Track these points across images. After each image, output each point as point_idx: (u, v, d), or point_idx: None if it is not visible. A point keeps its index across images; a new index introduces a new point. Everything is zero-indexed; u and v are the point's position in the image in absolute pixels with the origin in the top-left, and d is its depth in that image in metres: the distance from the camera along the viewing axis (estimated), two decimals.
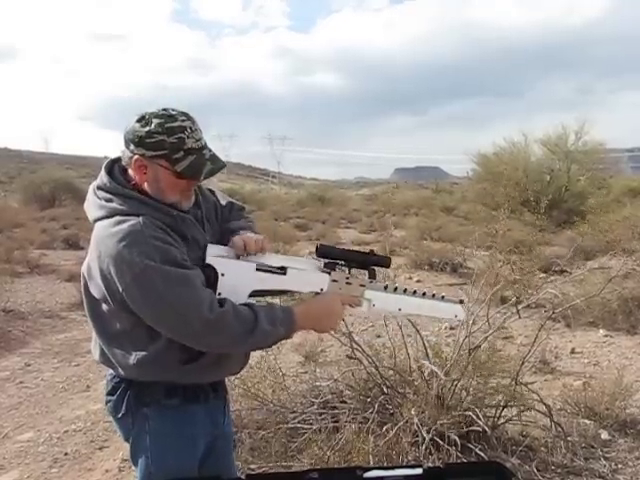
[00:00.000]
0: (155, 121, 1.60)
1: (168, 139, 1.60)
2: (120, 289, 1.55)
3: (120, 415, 1.73)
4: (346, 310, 1.87)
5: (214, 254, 1.70)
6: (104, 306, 1.66)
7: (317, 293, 1.81)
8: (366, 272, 1.87)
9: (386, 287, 1.88)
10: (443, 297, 1.95)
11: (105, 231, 1.60)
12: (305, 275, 1.80)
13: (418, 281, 9.32)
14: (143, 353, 1.64)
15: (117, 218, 1.60)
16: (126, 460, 3.60)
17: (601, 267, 4.31)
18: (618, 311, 6.34)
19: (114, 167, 1.73)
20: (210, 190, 1.98)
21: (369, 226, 18.02)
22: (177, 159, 1.61)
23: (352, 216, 23.56)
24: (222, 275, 1.67)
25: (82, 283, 1.72)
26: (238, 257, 1.74)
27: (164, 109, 1.64)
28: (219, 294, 1.65)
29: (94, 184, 1.73)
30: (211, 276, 1.66)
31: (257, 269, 1.73)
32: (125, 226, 1.57)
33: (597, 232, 3.76)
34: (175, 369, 1.67)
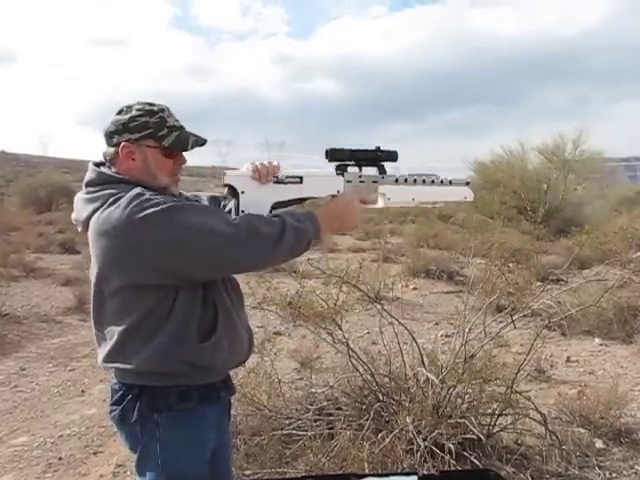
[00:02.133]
0: (135, 107, 1.71)
1: (151, 119, 1.69)
2: (145, 250, 1.55)
3: (130, 423, 1.69)
4: (363, 209, 1.94)
5: (231, 175, 1.77)
6: (125, 294, 1.64)
7: (334, 196, 1.88)
8: (376, 169, 1.96)
9: (397, 180, 1.96)
10: (450, 182, 2.03)
11: (105, 213, 1.60)
12: (320, 180, 1.89)
13: (414, 288, 9.32)
14: (162, 336, 1.63)
15: (112, 198, 1.61)
16: (120, 465, 3.60)
17: (597, 278, 4.31)
18: (614, 320, 6.35)
19: (100, 166, 1.76)
20: (195, 196, 2.02)
21: (365, 233, 18.01)
22: (163, 135, 1.70)
23: None
24: (242, 193, 1.75)
25: (94, 290, 1.70)
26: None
27: (140, 101, 1.74)
28: (242, 211, 1.73)
29: (79, 194, 1.76)
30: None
31: (275, 182, 1.81)
32: (124, 198, 1.59)
33: (594, 242, 3.77)
34: (193, 347, 1.66)
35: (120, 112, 1.72)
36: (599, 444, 3.68)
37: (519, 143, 19.45)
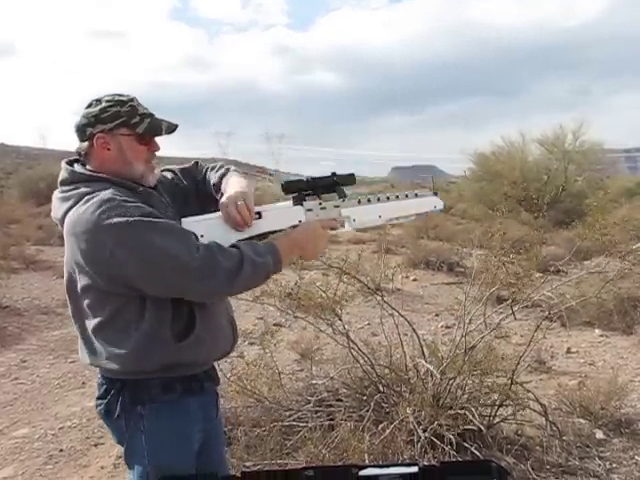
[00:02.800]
0: (105, 98, 1.72)
1: (122, 109, 1.71)
2: (106, 259, 1.55)
3: (114, 417, 1.70)
4: (328, 236, 1.92)
5: (188, 221, 1.74)
6: (91, 294, 1.65)
7: (295, 226, 1.86)
8: (336, 194, 1.93)
9: (359, 201, 1.94)
10: (416, 194, 1.99)
11: (76, 213, 1.61)
12: (280, 213, 1.87)
13: (414, 279, 9.32)
14: (136, 336, 1.62)
15: (86, 197, 1.62)
16: (121, 457, 3.59)
17: (597, 269, 4.30)
18: (614, 311, 6.35)
19: (73, 164, 1.77)
20: (168, 169, 2.02)
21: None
22: (135, 123, 1.72)
23: None
24: (201, 236, 1.71)
25: (66, 287, 1.72)
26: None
27: (108, 93, 1.75)
28: None
29: (55, 192, 1.76)
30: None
31: None
32: (95, 199, 1.59)
33: (594, 233, 3.77)
34: (171, 347, 1.65)
35: (90, 105, 1.73)
36: (599, 435, 3.68)
37: (519, 134, 19.41)
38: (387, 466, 1.52)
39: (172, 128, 1.79)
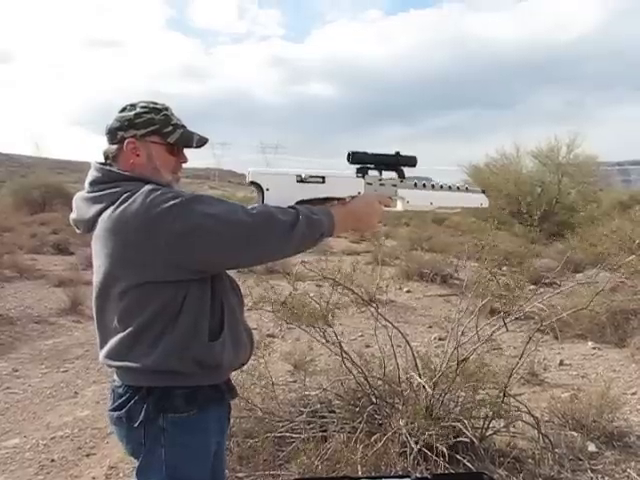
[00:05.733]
0: (140, 104, 1.73)
1: (156, 116, 1.72)
2: (164, 245, 1.55)
3: (134, 426, 1.66)
4: (383, 213, 1.98)
5: (256, 172, 1.81)
6: (135, 292, 1.62)
7: (354, 197, 1.92)
8: (395, 173, 2.01)
9: (415, 184, 2.03)
10: (467, 188, 2.11)
11: (117, 212, 1.59)
12: (342, 181, 1.93)
13: (408, 291, 9.34)
14: (172, 335, 1.63)
15: (125, 195, 1.61)
16: (113, 467, 3.59)
17: (589, 281, 4.32)
18: (606, 324, 6.38)
19: (104, 165, 1.76)
20: None
21: (360, 235, 17.98)
22: (168, 132, 1.73)
23: None
24: (267, 190, 1.78)
25: (99, 290, 1.69)
26: None
27: (144, 100, 1.76)
28: None
29: (79, 193, 1.75)
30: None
31: (298, 180, 1.84)
32: (138, 193, 1.59)
33: (586, 245, 3.79)
34: (203, 346, 1.66)
35: (124, 110, 1.73)
36: (592, 447, 3.69)
37: (514, 147, 19.50)
38: (380, 478, 1.53)
39: (203, 141, 1.79)
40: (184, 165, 1.83)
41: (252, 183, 1.80)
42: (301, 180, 1.84)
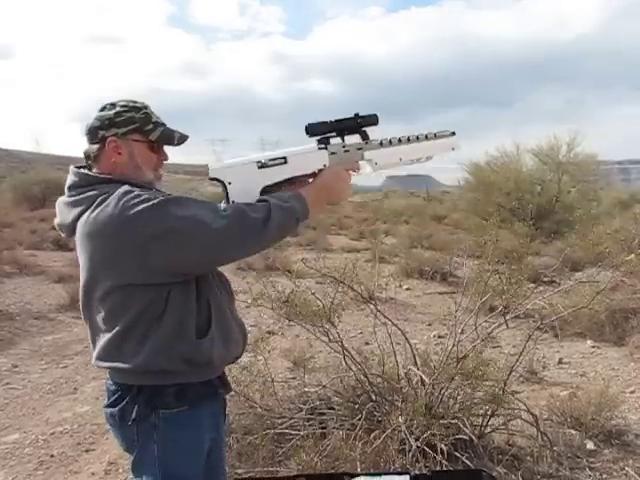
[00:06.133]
0: (120, 103, 1.74)
1: (137, 115, 1.72)
2: (138, 247, 1.55)
3: (127, 424, 1.68)
4: (353, 177, 1.93)
5: (215, 168, 1.78)
6: (117, 294, 1.63)
7: (320, 170, 1.87)
8: (359, 136, 1.93)
9: (381, 143, 1.93)
10: (435, 135, 1.98)
11: (93, 214, 1.60)
12: (305, 157, 1.86)
13: (408, 289, 9.34)
14: (158, 335, 1.63)
15: (100, 199, 1.62)
16: (113, 463, 3.60)
17: (588, 280, 4.33)
18: (606, 322, 6.38)
19: (81, 169, 1.77)
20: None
21: (360, 233, 18.01)
22: (149, 130, 1.73)
23: (343, 223, 23.54)
24: (229, 184, 1.76)
25: (84, 292, 1.71)
26: None
27: (123, 99, 1.77)
28: (233, 202, 1.74)
29: (61, 198, 1.77)
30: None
31: (259, 167, 1.80)
32: (112, 196, 1.60)
33: (586, 244, 3.80)
34: (191, 344, 1.66)
35: (104, 109, 1.73)
36: (590, 445, 3.70)
37: (514, 145, 19.48)
38: (379, 474, 1.53)
39: (184, 139, 1.80)
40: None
41: (213, 179, 1.78)
42: (262, 165, 1.80)
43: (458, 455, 3.21)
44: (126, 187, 1.62)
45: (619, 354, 6.00)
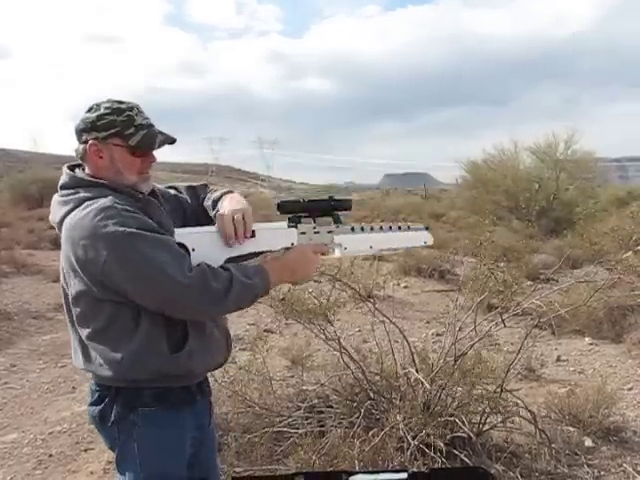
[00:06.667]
0: (104, 105, 1.71)
1: (118, 118, 1.69)
2: (100, 267, 1.55)
3: (107, 424, 1.71)
4: (321, 259, 1.93)
5: (181, 232, 1.74)
6: (85, 301, 1.65)
7: (288, 248, 1.85)
8: (331, 219, 1.92)
9: (353, 229, 1.93)
10: (409, 227, 2.01)
11: (75, 218, 1.62)
12: (274, 233, 1.85)
13: (406, 287, 9.34)
14: (130, 345, 1.63)
15: (86, 203, 1.63)
16: (111, 462, 3.58)
17: (587, 278, 4.34)
18: (604, 320, 6.39)
19: (74, 169, 1.78)
20: (172, 187, 2.02)
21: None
22: (129, 134, 1.69)
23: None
24: (193, 250, 1.70)
25: (62, 292, 1.73)
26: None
27: (110, 99, 1.74)
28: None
29: (54, 196, 1.77)
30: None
31: None
32: (95, 205, 1.60)
33: (585, 242, 3.80)
34: (167, 358, 1.65)
35: (90, 110, 1.72)
36: (588, 442, 3.70)
37: (511, 143, 19.47)
38: (377, 472, 1.53)
39: (169, 141, 1.77)
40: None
41: (178, 244, 1.70)
42: None
43: (456, 453, 3.21)
44: (110, 200, 1.61)
45: (617, 351, 6.01)
